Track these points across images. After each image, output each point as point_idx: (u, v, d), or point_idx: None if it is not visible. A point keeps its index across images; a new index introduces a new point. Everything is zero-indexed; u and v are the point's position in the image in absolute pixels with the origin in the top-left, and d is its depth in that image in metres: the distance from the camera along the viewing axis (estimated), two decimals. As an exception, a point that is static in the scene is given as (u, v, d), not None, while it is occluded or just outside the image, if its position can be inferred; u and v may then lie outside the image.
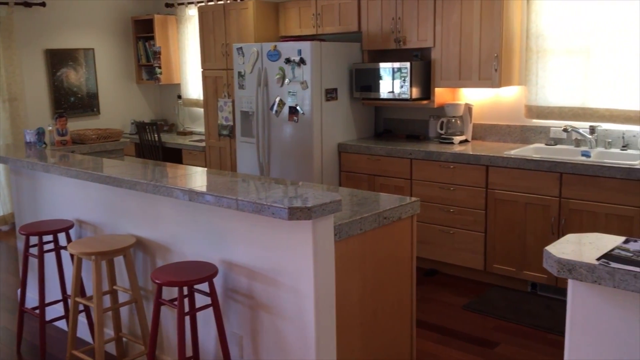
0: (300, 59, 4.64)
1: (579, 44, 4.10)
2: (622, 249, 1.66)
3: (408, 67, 4.56)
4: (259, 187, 2.58)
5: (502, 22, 4.18)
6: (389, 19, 4.76)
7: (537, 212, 3.89)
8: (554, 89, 4.25)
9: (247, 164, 5.22)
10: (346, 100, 4.96)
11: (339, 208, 2.31)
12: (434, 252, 4.45)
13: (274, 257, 2.46)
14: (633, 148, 3.98)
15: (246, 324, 2.64)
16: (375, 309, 2.67)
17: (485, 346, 3.36)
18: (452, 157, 4.25)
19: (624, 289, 1.53)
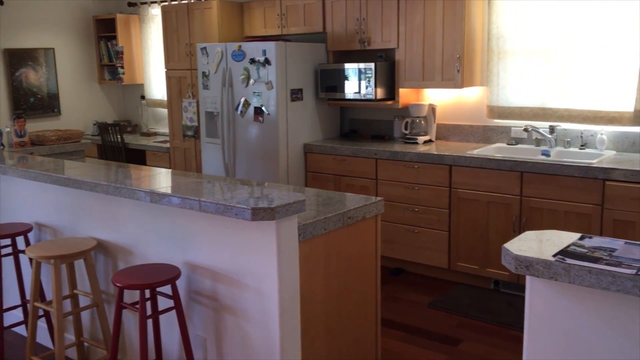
0: (265, 59, 4.62)
1: (539, 46, 4.18)
2: (577, 246, 1.70)
3: (373, 67, 4.59)
4: (222, 188, 2.56)
5: (464, 23, 4.24)
6: (354, 20, 4.78)
7: (499, 210, 3.96)
8: (514, 90, 4.34)
9: (212, 165, 5.17)
10: (312, 101, 4.96)
11: (302, 208, 2.31)
12: (399, 251, 4.49)
13: (238, 259, 2.44)
14: (591, 147, 4.09)
15: (210, 326, 2.62)
16: (340, 308, 2.68)
17: (449, 344, 3.40)
18: (416, 157, 4.29)
19: (579, 284, 1.57)
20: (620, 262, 1.56)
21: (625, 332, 1.59)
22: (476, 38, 4.41)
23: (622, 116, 3.89)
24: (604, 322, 1.61)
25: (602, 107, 3.96)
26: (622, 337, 1.59)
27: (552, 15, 4.09)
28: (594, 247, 1.68)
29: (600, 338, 1.63)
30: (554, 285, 1.67)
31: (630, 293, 1.50)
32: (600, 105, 3.97)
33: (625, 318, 1.58)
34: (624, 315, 1.58)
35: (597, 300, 1.61)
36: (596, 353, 1.64)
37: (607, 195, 3.50)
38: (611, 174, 3.47)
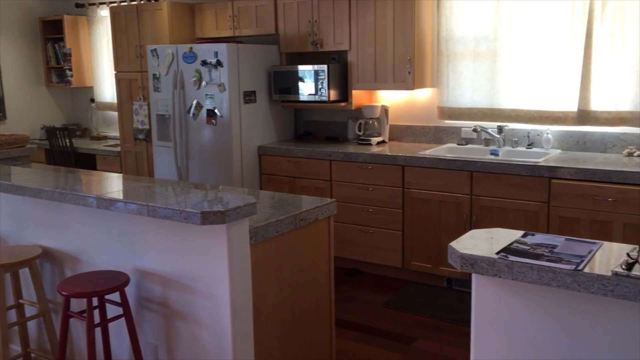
0: (217, 61, 4.58)
1: (486, 48, 4.28)
2: (520, 243, 1.75)
3: (326, 69, 4.60)
4: (172, 192, 2.52)
5: (414, 26, 4.30)
6: (306, 22, 4.79)
7: (450, 209, 4.03)
8: (463, 91, 4.42)
9: (164, 169, 5.09)
10: (265, 103, 4.94)
11: (253, 211, 2.30)
12: (354, 252, 4.52)
13: (189, 264, 2.41)
14: (537, 146, 4.20)
15: (161, 333, 2.57)
16: (294, 311, 2.67)
17: (403, 342, 3.44)
18: (369, 157, 4.33)
19: (521, 280, 1.61)
20: (561, 258, 1.60)
21: (566, 325, 1.63)
22: (426, 40, 4.48)
23: (567, 116, 4.02)
24: (547, 316, 1.66)
25: (547, 107, 4.08)
26: (563, 330, 1.64)
27: (499, 18, 4.19)
28: (536, 244, 1.73)
29: (543, 332, 1.68)
30: (498, 282, 1.71)
31: (570, 288, 1.54)
32: (545, 105, 4.09)
33: (566, 312, 1.63)
34: (564, 309, 1.63)
35: (539, 295, 1.66)
36: (540, 346, 1.69)
37: (553, 193, 3.61)
38: (556, 172, 3.58)
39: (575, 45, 3.92)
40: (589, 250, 1.66)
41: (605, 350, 1.59)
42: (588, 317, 1.60)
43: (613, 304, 1.55)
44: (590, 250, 1.66)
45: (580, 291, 1.53)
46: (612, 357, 1.58)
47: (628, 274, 1.47)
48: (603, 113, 3.89)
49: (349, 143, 4.86)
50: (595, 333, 1.60)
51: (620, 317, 1.55)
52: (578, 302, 1.60)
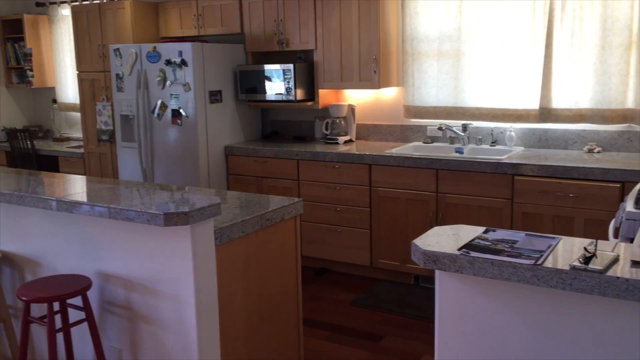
0: (182, 60, 4.53)
1: (450, 47, 4.32)
2: (481, 239, 1.77)
3: (292, 69, 4.59)
4: (136, 194, 2.48)
5: (379, 25, 4.33)
6: (271, 21, 4.77)
7: (417, 207, 4.07)
8: (428, 90, 4.46)
9: (129, 170, 5.01)
10: (231, 103, 4.91)
11: (218, 212, 2.28)
12: (323, 251, 4.52)
13: (153, 266, 2.38)
14: (501, 144, 4.27)
15: (125, 337, 2.53)
16: (261, 311, 2.66)
17: (371, 340, 3.45)
18: (337, 157, 4.33)
19: (483, 276, 1.63)
20: (521, 254, 1.63)
21: (527, 319, 1.66)
22: (391, 39, 4.51)
23: (529, 114, 4.09)
24: (509, 311, 1.68)
25: (510, 106, 4.15)
26: (525, 324, 1.67)
27: (462, 18, 4.24)
28: (497, 239, 1.75)
29: (505, 326, 1.70)
30: (461, 278, 1.73)
31: (529, 282, 1.57)
32: (508, 103, 4.15)
33: (527, 306, 1.65)
34: (525, 303, 1.65)
35: (500, 290, 1.68)
36: (503, 340, 1.71)
37: (516, 190, 3.67)
38: (519, 169, 3.64)
39: (537, 44, 3.99)
40: (548, 245, 1.69)
41: (566, 343, 1.62)
42: (548, 310, 1.63)
43: (572, 298, 1.58)
44: (550, 245, 1.69)
45: (539, 285, 1.56)
46: (572, 350, 1.61)
47: (585, 268, 1.50)
48: (564, 111, 3.97)
49: (316, 142, 4.86)
50: (555, 326, 1.63)
51: (579, 310, 1.58)
52: (538, 296, 1.63)
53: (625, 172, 3.33)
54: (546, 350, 1.65)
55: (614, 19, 3.73)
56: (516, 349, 1.70)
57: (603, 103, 3.84)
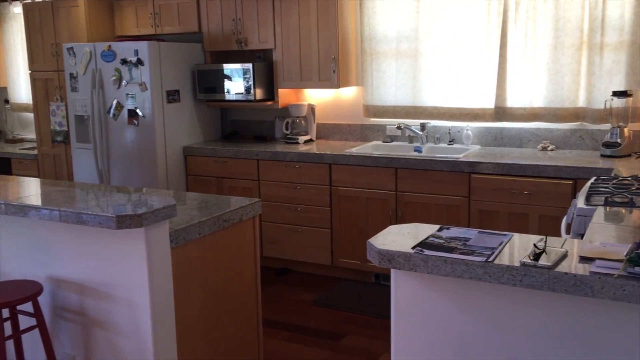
0: (138, 59, 4.44)
1: (408, 47, 4.36)
2: (435, 237, 1.78)
3: (251, 68, 4.56)
4: (89, 196, 2.42)
5: (337, 25, 4.33)
6: (230, 20, 4.73)
7: (377, 206, 4.09)
8: (387, 89, 4.49)
9: (85, 172, 4.90)
10: (190, 102, 4.84)
11: (173, 213, 2.24)
12: (284, 251, 4.50)
13: (106, 270, 2.32)
14: (458, 142, 4.33)
15: (79, 343, 2.47)
16: (219, 313, 2.63)
17: (332, 339, 3.46)
18: (297, 156, 4.32)
19: (436, 274, 1.65)
20: (473, 251, 1.65)
21: (480, 316, 1.68)
22: (350, 39, 4.52)
23: (485, 112, 4.16)
24: (463, 308, 1.70)
25: (466, 105, 4.21)
26: (478, 321, 1.69)
27: (419, 18, 4.28)
28: (450, 237, 1.77)
29: (459, 323, 1.72)
30: (415, 276, 1.74)
31: (481, 279, 1.59)
32: (465, 102, 4.22)
33: (480, 303, 1.68)
34: (478, 300, 1.68)
35: (454, 287, 1.70)
36: (457, 337, 1.73)
37: (473, 188, 3.72)
38: (476, 167, 3.70)
39: (491, 44, 4.06)
40: (500, 242, 1.71)
41: (518, 339, 1.65)
42: (500, 307, 1.65)
43: (523, 294, 1.61)
44: (501, 242, 1.72)
45: (491, 282, 1.58)
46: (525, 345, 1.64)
47: (535, 264, 1.53)
48: (518, 110, 4.06)
49: (276, 142, 4.84)
50: (508, 322, 1.65)
51: (530, 306, 1.61)
52: (491, 292, 1.66)
53: (577, 170, 3.42)
54: (500, 345, 1.68)
55: (565, 19, 3.83)
56: (471, 346, 1.72)
57: (556, 102, 3.93)
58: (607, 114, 3.73)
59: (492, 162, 3.65)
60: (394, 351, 1.83)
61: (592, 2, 3.74)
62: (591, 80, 3.82)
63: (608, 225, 2.11)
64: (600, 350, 1.55)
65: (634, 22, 3.64)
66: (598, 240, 1.80)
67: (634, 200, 2.36)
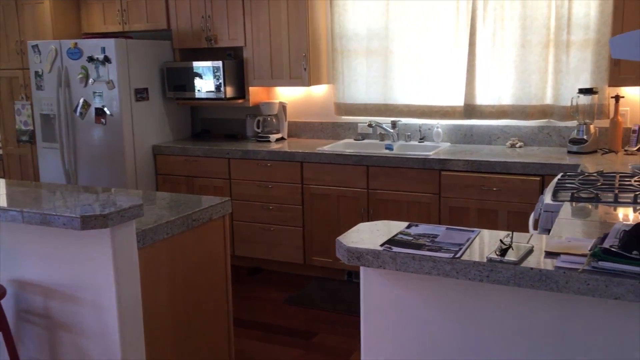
0: (105, 57, 4.37)
1: (378, 45, 4.37)
2: (404, 234, 1.79)
3: (221, 66, 4.52)
4: (54, 197, 2.37)
5: (308, 22, 4.32)
6: (199, 17, 4.68)
7: (348, 204, 4.09)
8: (358, 87, 4.50)
9: (51, 172, 4.79)
10: (159, 100, 4.78)
11: (140, 213, 2.20)
12: (256, 250, 4.48)
13: (72, 272, 2.27)
14: (429, 140, 4.36)
15: (44, 347, 2.41)
16: (189, 314, 2.59)
17: (304, 338, 3.45)
18: (268, 155, 4.30)
19: (405, 271, 1.65)
20: (441, 247, 1.66)
21: (449, 312, 1.69)
22: (321, 37, 4.51)
23: (454, 110, 4.19)
24: (432, 304, 1.71)
25: (436, 103, 4.24)
26: (447, 317, 1.70)
27: (389, 16, 4.29)
28: (419, 234, 1.77)
29: (429, 320, 1.72)
30: (384, 274, 1.74)
31: (449, 275, 1.60)
32: (435, 100, 4.24)
33: (448, 299, 1.68)
34: (446, 296, 1.68)
35: (422, 284, 1.71)
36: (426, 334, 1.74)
37: (443, 185, 3.75)
38: (446, 164, 3.72)
39: (460, 43, 4.10)
40: (467, 238, 1.72)
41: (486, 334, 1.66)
42: (469, 302, 1.66)
43: (490, 289, 1.62)
44: (469, 238, 1.73)
45: (458, 278, 1.59)
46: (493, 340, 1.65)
47: (501, 260, 1.54)
48: (487, 107, 4.10)
49: (247, 140, 4.81)
50: (476, 318, 1.66)
51: (497, 301, 1.62)
52: (458, 288, 1.66)
53: (545, 166, 3.47)
54: (469, 341, 1.69)
55: (532, 18, 3.88)
56: (441, 342, 1.72)
57: (523, 99, 3.99)
58: (574, 111, 3.79)
59: (461, 159, 3.68)
60: (364, 349, 1.83)
61: (558, 1, 3.80)
62: (558, 77, 3.88)
63: (574, 221, 2.14)
64: (566, 343, 1.57)
65: (599, 20, 3.70)
66: (564, 236, 1.82)
67: (599, 195, 2.41)
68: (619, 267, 1.44)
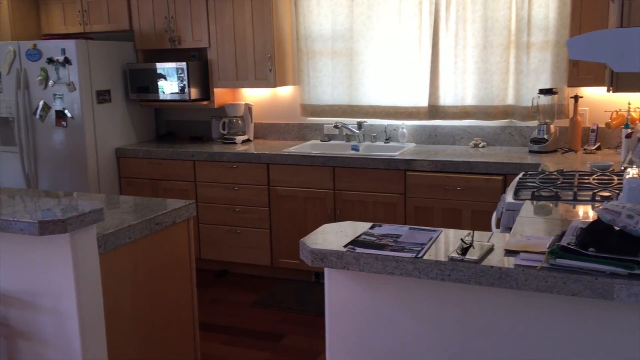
0: (65, 58, 4.27)
1: (343, 46, 4.39)
2: (368, 234, 1.79)
3: (185, 67, 4.48)
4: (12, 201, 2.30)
5: (273, 23, 4.31)
6: (162, 18, 4.62)
7: (315, 205, 4.09)
8: (324, 88, 4.50)
9: (10, 176, 4.67)
10: (121, 102, 4.70)
11: (100, 218, 2.16)
12: (223, 253, 4.44)
13: (30, 278, 2.21)
14: (394, 140, 4.39)
15: (2, 355, 2.34)
16: (154, 319, 2.55)
17: (272, 340, 3.43)
18: (234, 157, 4.27)
19: (368, 271, 1.65)
20: (404, 247, 1.67)
21: (413, 311, 1.70)
22: (286, 38, 4.50)
23: (419, 111, 4.23)
24: (394, 304, 1.72)
25: (401, 103, 4.27)
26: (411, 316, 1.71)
27: (354, 17, 4.31)
28: (382, 234, 1.78)
29: (393, 320, 1.73)
30: (348, 274, 1.74)
31: (411, 275, 1.61)
32: (400, 101, 4.28)
33: (412, 299, 1.69)
34: (409, 296, 1.69)
35: (386, 284, 1.71)
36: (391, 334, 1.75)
37: (409, 185, 3.78)
38: (411, 164, 3.76)
39: (424, 44, 4.14)
40: (430, 238, 1.74)
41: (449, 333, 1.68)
42: (431, 301, 1.68)
43: (452, 288, 1.64)
44: (431, 238, 1.74)
45: (421, 278, 1.60)
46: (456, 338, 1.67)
47: (462, 259, 1.56)
48: (451, 108, 4.15)
49: (213, 142, 4.76)
50: (439, 316, 1.68)
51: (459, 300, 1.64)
52: (421, 288, 1.68)
53: (507, 165, 3.53)
54: (432, 340, 1.70)
55: (494, 19, 3.95)
56: (405, 341, 1.73)
57: (486, 100, 4.05)
58: (535, 111, 3.87)
59: (426, 160, 3.72)
60: (329, 349, 1.83)
61: (518, 2, 3.87)
62: (519, 78, 3.95)
63: (535, 219, 2.18)
64: (527, 340, 1.60)
65: (557, 22, 3.79)
66: (525, 234, 1.85)
67: (559, 194, 2.46)
68: (576, 264, 1.47)
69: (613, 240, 1.48)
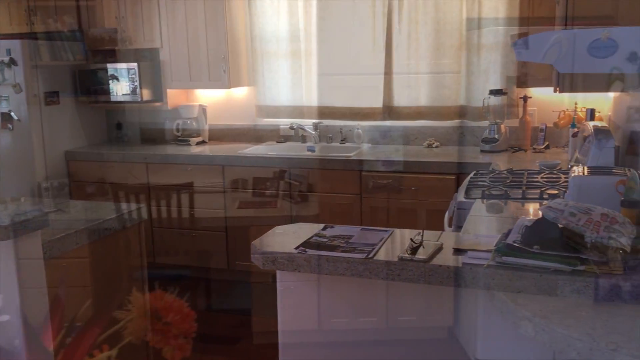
0: (10, 59, 4.13)
1: (298, 47, 4.38)
2: (319, 236, 1.79)
3: (136, 67, 4.39)
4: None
5: (226, 24, 4.27)
6: (112, 18, 4.52)
7: (271, 206, 4.06)
8: (279, 89, 4.48)
9: (-47, 181, 4.49)
10: (71, 104, 4.57)
11: (44, 224, 2.09)
12: (178, 257, 4.37)
13: (-29, 287, 2.12)
14: (350, 141, 4.41)
15: (-58, 370, 2.24)
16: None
17: (228, 344, 3.40)
18: (188, 159, 4.21)
19: (319, 272, 1.65)
20: (354, 248, 1.67)
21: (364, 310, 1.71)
22: (240, 39, 4.47)
23: (374, 111, 4.26)
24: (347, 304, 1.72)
25: (356, 104, 4.29)
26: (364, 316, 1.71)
27: (308, 18, 4.30)
28: (334, 235, 1.78)
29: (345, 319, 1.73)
30: (300, 276, 1.74)
31: (362, 276, 1.61)
32: (354, 102, 4.29)
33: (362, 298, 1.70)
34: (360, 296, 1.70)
35: (338, 285, 1.71)
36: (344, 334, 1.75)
37: (364, 185, 3.80)
38: (366, 165, 3.78)
39: (378, 44, 4.17)
40: (381, 238, 1.75)
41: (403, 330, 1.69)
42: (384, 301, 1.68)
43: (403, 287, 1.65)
44: (382, 238, 1.75)
45: (371, 278, 1.60)
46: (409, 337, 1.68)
47: (412, 258, 1.57)
48: (404, 108, 4.19)
49: (166, 144, 4.68)
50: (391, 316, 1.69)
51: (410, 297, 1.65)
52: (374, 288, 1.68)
53: (459, 165, 3.59)
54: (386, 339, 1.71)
55: (445, 21, 4.00)
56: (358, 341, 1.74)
57: (439, 100, 4.10)
58: (485, 111, 3.94)
59: (380, 160, 3.74)
60: (282, 351, 1.82)
61: (469, 4, 3.94)
62: (470, 79, 4.02)
63: (485, 217, 2.22)
64: (475, 337, 1.62)
65: (507, 23, 3.87)
66: (475, 232, 1.88)
67: (508, 192, 2.50)
68: (521, 262, 1.49)
69: (556, 238, 1.51)
